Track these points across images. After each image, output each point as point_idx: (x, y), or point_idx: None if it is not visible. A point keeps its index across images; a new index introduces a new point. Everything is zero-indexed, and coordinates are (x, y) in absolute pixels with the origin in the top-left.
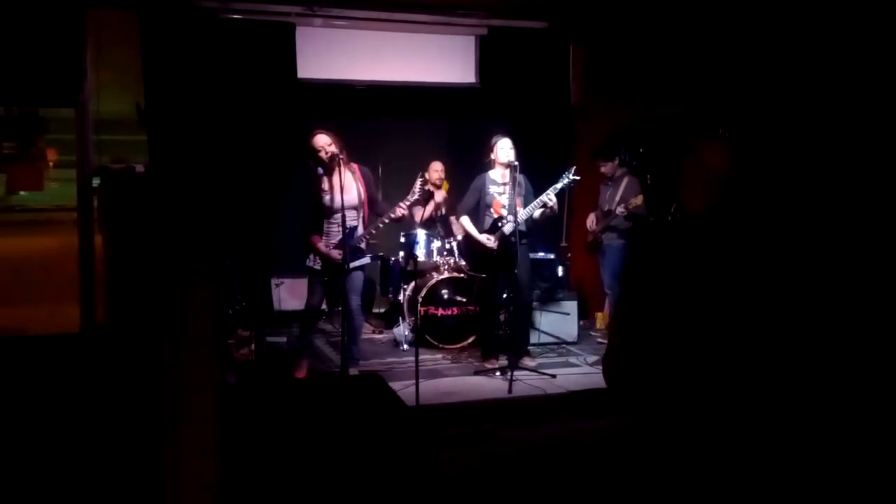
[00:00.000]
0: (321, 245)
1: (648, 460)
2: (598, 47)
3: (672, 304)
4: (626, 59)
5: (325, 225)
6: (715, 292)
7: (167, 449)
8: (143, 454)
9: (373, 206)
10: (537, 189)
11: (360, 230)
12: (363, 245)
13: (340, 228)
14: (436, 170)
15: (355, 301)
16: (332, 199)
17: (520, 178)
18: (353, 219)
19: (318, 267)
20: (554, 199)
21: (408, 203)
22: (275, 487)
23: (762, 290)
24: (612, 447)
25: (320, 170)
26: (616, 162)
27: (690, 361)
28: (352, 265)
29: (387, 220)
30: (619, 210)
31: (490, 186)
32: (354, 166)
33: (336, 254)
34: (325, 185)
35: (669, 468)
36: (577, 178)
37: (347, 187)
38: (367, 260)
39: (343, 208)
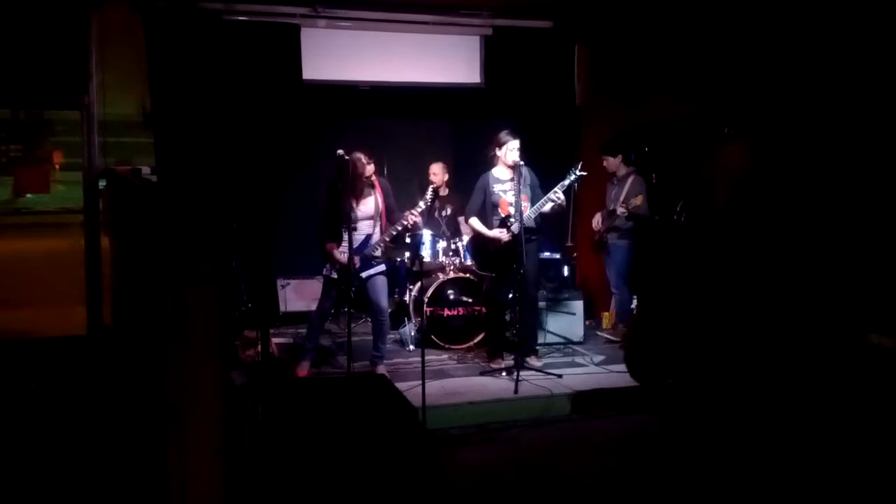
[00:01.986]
0: (337, 253)
1: (657, 460)
2: (603, 47)
3: (691, 298)
4: (631, 58)
5: (344, 233)
6: (731, 285)
7: (171, 449)
8: (148, 454)
9: (390, 216)
10: (543, 184)
11: (376, 238)
12: (378, 253)
13: (357, 237)
14: (434, 172)
15: (382, 303)
16: (351, 209)
17: (525, 170)
18: (369, 228)
19: (333, 276)
20: (562, 196)
21: (419, 211)
22: (281, 487)
23: (776, 282)
24: (619, 447)
25: (347, 179)
26: (620, 159)
27: (712, 352)
28: (365, 274)
29: (399, 228)
30: (620, 211)
31: (494, 185)
32: (374, 178)
33: (346, 260)
34: (349, 198)
35: (678, 469)
36: (584, 173)
37: (366, 198)
38: (382, 268)
39: (359, 218)
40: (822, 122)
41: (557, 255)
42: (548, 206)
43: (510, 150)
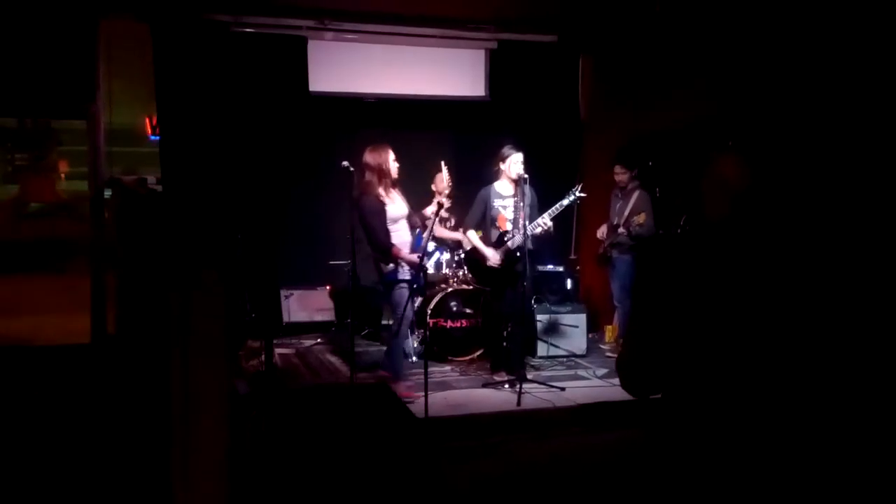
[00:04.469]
0: (405, 253)
1: (658, 474)
2: (607, 60)
3: (687, 312)
4: (635, 72)
5: (405, 234)
6: (729, 300)
7: (175, 454)
8: (152, 460)
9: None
10: (542, 202)
11: (425, 236)
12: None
13: (405, 234)
14: (441, 180)
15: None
16: (392, 209)
17: (526, 188)
18: (405, 227)
19: (408, 276)
20: (549, 223)
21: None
22: (283, 496)
23: (776, 297)
24: (622, 461)
25: (375, 181)
26: (634, 173)
27: (706, 367)
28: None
29: (431, 223)
30: (621, 230)
31: (495, 200)
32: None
33: (417, 258)
34: (384, 197)
35: (680, 482)
36: (584, 195)
37: (397, 196)
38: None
39: (397, 218)
40: (827, 132)
41: (560, 268)
42: (538, 230)
43: (514, 164)
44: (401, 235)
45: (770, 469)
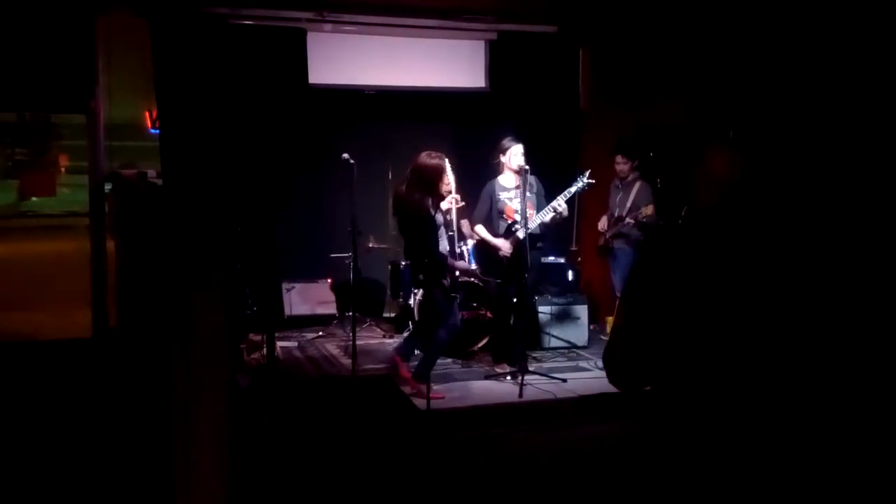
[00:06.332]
0: (460, 263)
1: (659, 464)
2: (608, 51)
3: (677, 299)
4: (635, 63)
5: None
6: (719, 287)
7: (177, 449)
8: (154, 455)
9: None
10: (549, 190)
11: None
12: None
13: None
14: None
15: None
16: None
17: (532, 178)
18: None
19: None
20: (564, 206)
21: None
22: (286, 489)
23: (766, 285)
24: (623, 451)
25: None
26: (635, 163)
27: (698, 357)
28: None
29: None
30: (628, 220)
31: (500, 192)
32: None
33: (466, 265)
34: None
35: (679, 472)
36: (593, 181)
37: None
38: None
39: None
40: (823, 126)
41: (562, 259)
42: (548, 217)
43: (514, 155)
44: (444, 244)
45: (765, 461)
